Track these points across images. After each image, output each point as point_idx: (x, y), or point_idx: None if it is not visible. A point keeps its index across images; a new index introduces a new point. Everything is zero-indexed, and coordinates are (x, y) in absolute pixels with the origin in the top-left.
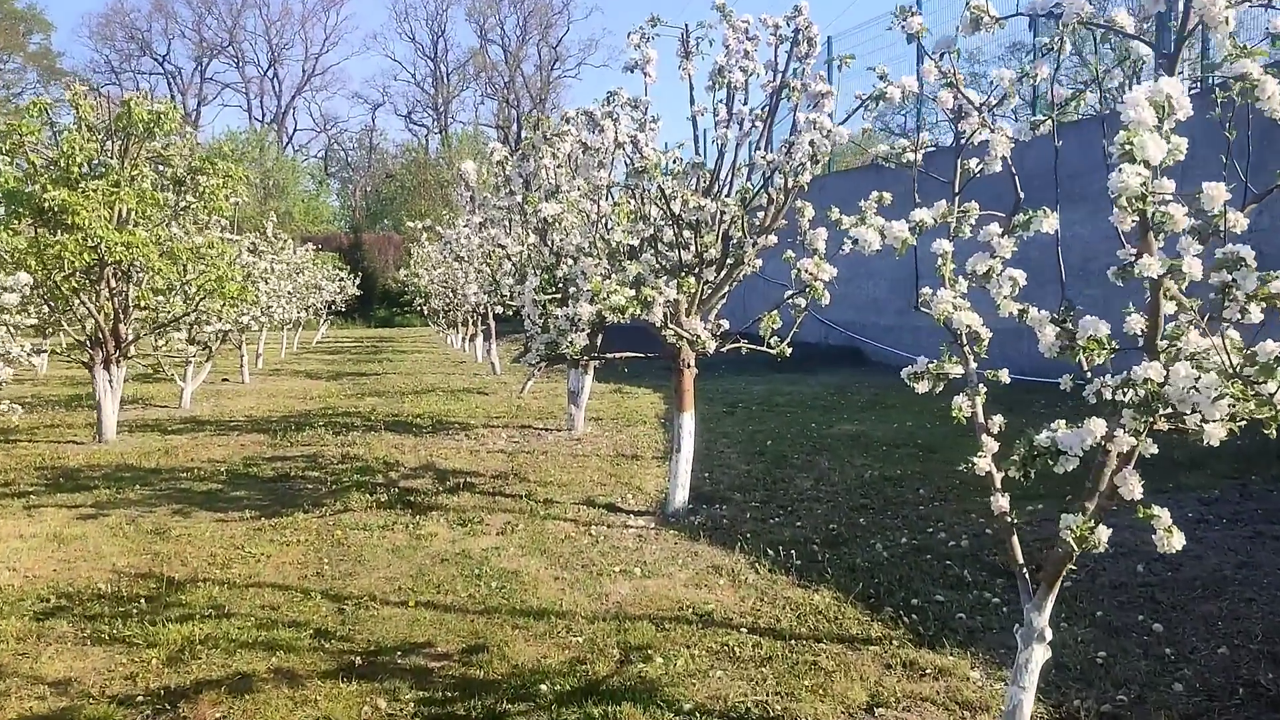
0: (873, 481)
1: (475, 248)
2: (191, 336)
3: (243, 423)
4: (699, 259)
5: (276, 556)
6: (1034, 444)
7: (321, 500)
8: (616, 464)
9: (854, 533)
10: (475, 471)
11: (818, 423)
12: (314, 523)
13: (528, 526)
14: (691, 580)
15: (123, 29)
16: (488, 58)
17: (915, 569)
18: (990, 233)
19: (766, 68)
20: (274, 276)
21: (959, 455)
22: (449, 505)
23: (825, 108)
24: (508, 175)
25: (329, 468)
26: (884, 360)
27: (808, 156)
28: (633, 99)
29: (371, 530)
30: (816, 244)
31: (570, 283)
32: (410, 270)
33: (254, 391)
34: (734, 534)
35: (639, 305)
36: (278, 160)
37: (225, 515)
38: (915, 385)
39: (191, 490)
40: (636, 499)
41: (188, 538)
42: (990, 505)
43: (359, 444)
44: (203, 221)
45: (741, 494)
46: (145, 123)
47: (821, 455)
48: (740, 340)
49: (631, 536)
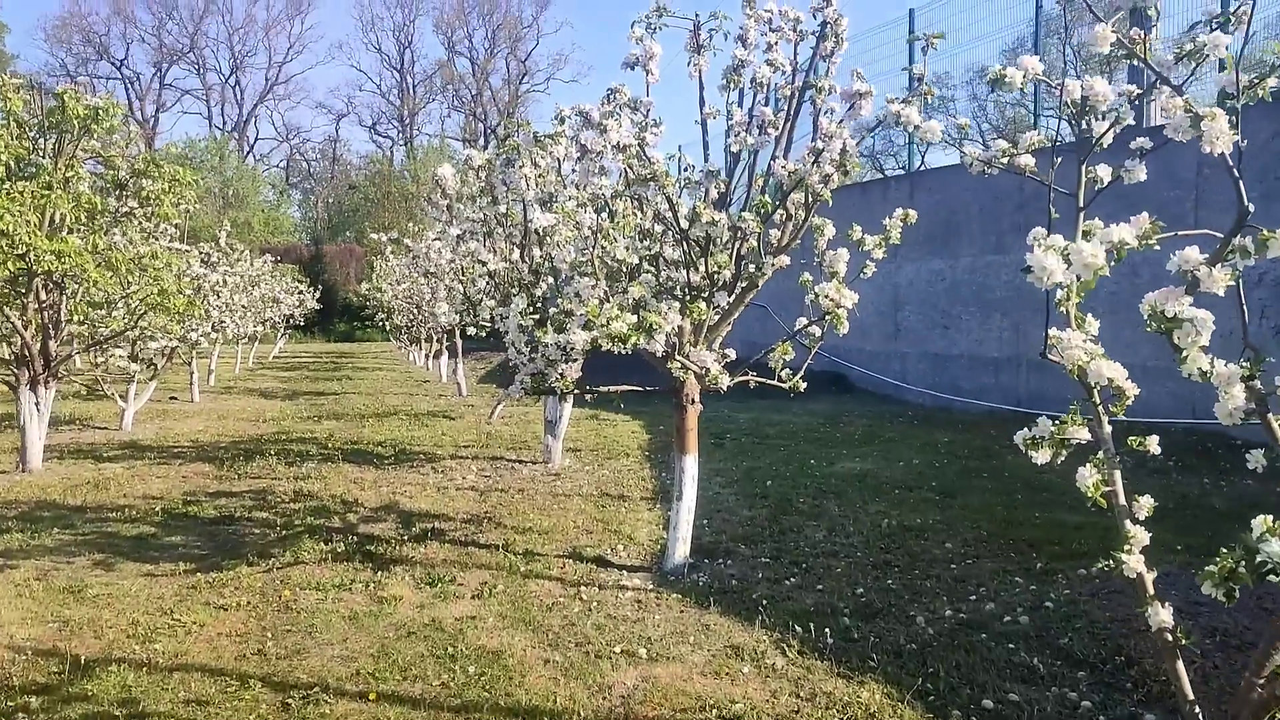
0: (892, 533)
1: (447, 263)
2: (134, 354)
3: (187, 449)
4: (709, 281)
5: (211, 625)
6: (1256, 555)
7: (269, 549)
8: (602, 506)
9: (886, 599)
10: (444, 514)
11: (817, 459)
12: (258, 579)
13: (508, 587)
14: (709, 666)
15: (79, 32)
16: (455, 70)
17: (973, 654)
18: (1188, 261)
19: (785, 66)
20: (227, 290)
21: (979, 500)
22: (415, 558)
23: (863, 110)
24: (490, 182)
25: (279, 507)
26: (871, 388)
27: (836, 166)
28: (633, 100)
29: (325, 591)
30: (837, 266)
31: (550, 303)
32: (373, 284)
33: (203, 412)
34: (747, 599)
35: (643, 333)
36: (238, 169)
37: (155, 568)
38: (1033, 454)
39: (119, 535)
40: (629, 551)
41: (107, 598)
42: (1032, 567)
43: (314, 478)
44: (149, 229)
45: (747, 546)
46: (81, 119)
47: (829, 499)
48: (750, 373)
49: (629, 602)
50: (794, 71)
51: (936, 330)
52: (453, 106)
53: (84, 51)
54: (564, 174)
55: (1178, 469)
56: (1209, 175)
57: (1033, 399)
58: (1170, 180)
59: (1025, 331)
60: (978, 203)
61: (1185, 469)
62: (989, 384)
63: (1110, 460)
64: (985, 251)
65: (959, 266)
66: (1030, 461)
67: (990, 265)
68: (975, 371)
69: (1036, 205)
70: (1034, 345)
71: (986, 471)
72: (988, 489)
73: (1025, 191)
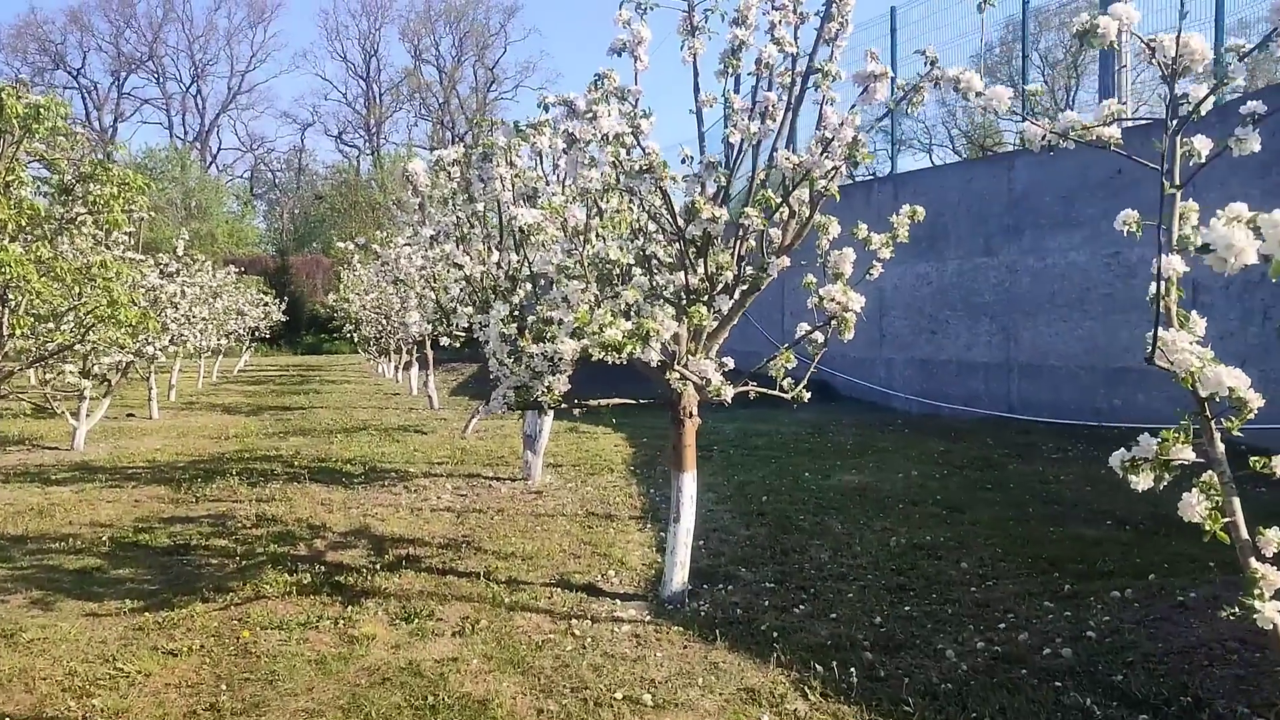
0: (902, 552)
1: (417, 269)
2: (86, 369)
3: (142, 470)
4: (709, 283)
5: (158, 675)
6: None
7: (227, 582)
8: (588, 527)
9: (908, 629)
10: (419, 539)
11: (811, 471)
12: (214, 618)
13: (492, 622)
14: (723, 713)
15: (35, 41)
16: (422, 78)
17: (1017, 694)
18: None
19: (791, 46)
20: (186, 301)
21: (989, 514)
22: (389, 589)
23: (877, 95)
24: (466, 179)
25: (240, 534)
26: (856, 395)
27: (844, 157)
28: (620, 88)
29: (289, 630)
30: (843, 267)
31: (529, 310)
32: (340, 295)
33: (162, 429)
34: (756, 631)
35: (639, 341)
36: (200, 180)
37: (100, 606)
38: (1134, 479)
39: (61, 568)
40: (620, 577)
41: (43, 644)
42: (1059, 589)
43: (278, 500)
44: (99, 237)
45: (748, 569)
46: (21, 118)
47: (831, 515)
48: (750, 383)
49: (626, 636)
50: (794, 57)
51: (923, 335)
52: (420, 115)
53: (40, 60)
54: (546, 168)
55: (1188, 478)
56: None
57: (1024, 405)
58: None
59: (1015, 336)
60: (964, 204)
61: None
62: (978, 390)
63: (1227, 485)
64: (973, 254)
65: (946, 270)
66: (1034, 470)
67: (978, 268)
68: (963, 377)
69: (1026, 206)
70: (1024, 350)
71: (990, 483)
72: (996, 502)
73: (1014, 192)
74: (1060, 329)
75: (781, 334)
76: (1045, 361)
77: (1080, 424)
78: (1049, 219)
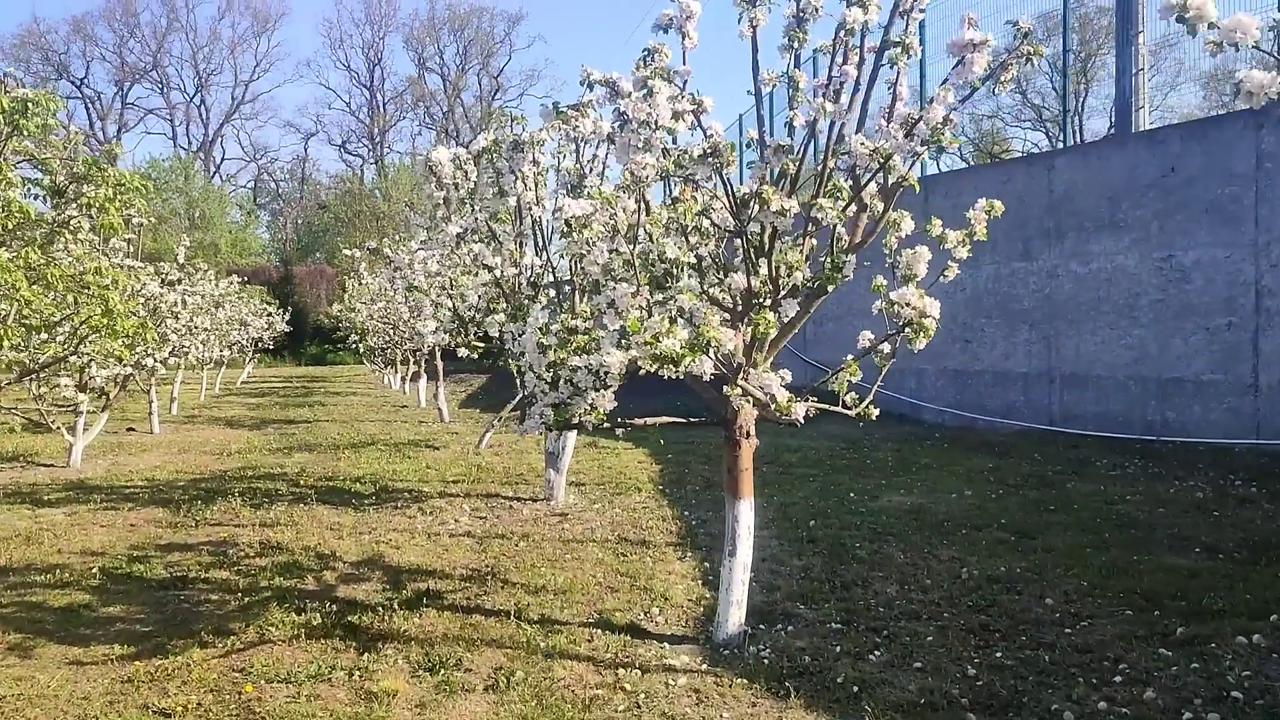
0: (977, 585)
1: (434, 275)
2: (82, 382)
3: (140, 490)
4: (774, 286)
5: None
6: None
7: (228, 623)
8: (623, 555)
9: (1008, 682)
10: (439, 570)
11: (855, 491)
12: (213, 667)
13: (529, 673)
14: None
15: (38, 50)
16: (426, 87)
17: None
18: None
19: (875, 7)
20: (187, 311)
21: (1062, 540)
22: (409, 632)
23: (975, 67)
24: (497, 170)
25: (242, 564)
26: (885, 407)
27: (929, 142)
28: (666, 70)
29: (298, 684)
30: (917, 268)
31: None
32: (345, 305)
33: (163, 444)
34: (831, 684)
35: (699, 352)
36: (204, 190)
37: (85, 653)
38: None
39: (46, 605)
40: (666, 615)
41: (17, 701)
42: (1168, 631)
43: (283, 524)
44: (94, 242)
45: (808, 606)
46: (7, 113)
47: (889, 543)
48: (810, 399)
49: (684, 691)
50: (862, 34)
51: (956, 344)
52: (424, 124)
53: (43, 70)
54: (584, 158)
55: (1268, 497)
56: (1270, 170)
57: (1067, 418)
58: (1225, 175)
59: (1057, 345)
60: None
61: (1276, 496)
62: (1016, 402)
63: None
64: (1010, 259)
65: (980, 276)
66: (1096, 490)
67: (1016, 273)
68: (1001, 388)
69: (1068, 207)
70: (1067, 359)
71: (1053, 504)
72: (1065, 526)
73: (1054, 193)
74: (1107, 337)
75: (803, 341)
76: (1091, 372)
77: (1133, 438)
78: (1093, 221)
